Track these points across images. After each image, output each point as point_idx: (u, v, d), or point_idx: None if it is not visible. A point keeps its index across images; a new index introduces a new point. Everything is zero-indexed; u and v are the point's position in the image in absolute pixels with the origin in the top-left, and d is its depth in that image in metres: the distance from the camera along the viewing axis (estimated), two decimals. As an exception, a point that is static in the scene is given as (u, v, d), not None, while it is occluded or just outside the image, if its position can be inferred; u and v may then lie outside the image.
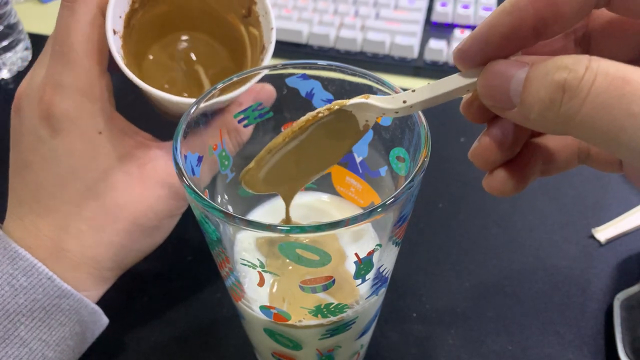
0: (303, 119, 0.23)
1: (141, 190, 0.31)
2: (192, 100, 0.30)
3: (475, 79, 0.19)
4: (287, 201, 0.28)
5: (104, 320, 0.32)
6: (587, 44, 0.22)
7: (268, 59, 0.29)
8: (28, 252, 0.28)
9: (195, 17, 0.35)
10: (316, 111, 0.22)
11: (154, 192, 0.31)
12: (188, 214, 0.33)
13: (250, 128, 0.30)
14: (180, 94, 0.30)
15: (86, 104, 0.29)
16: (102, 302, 0.36)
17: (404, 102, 0.21)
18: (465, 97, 0.22)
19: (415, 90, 0.21)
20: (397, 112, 0.21)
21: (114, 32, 0.30)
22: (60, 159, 0.29)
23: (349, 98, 0.23)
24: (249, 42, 0.29)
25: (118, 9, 0.30)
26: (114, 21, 0.30)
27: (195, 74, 0.36)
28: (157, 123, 0.33)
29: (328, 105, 0.22)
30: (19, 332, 0.27)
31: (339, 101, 0.22)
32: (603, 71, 0.16)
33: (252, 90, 0.28)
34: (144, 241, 0.32)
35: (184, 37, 0.37)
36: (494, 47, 0.19)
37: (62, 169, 0.29)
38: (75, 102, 0.29)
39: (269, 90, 0.28)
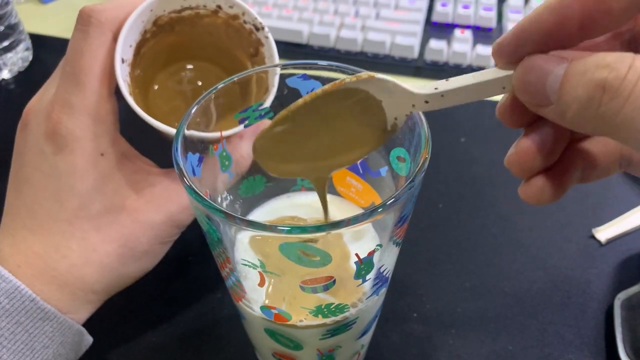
0: (328, 84, 0.21)
1: (136, 215, 0.31)
2: (192, 132, 0.30)
3: (511, 72, 0.19)
4: (320, 191, 0.26)
5: (88, 340, 0.32)
6: (634, 48, 0.21)
7: (269, 101, 0.29)
8: (12, 274, 0.28)
9: (205, 49, 0.36)
10: (342, 78, 0.21)
11: (148, 217, 0.31)
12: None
13: (249, 161, 0.30)
14: None
15: (91, 125, 0.30)
16: (103, 302, 0.36)
17: (436, 88, 0.20)
18: (502, 99, 0.21)
19: (449, 79, 0.20)
20: (427, 102, 0.20)
21: (123, 61, 0.30)
22: (60, 176, 0.29)
23: None
24: (255, 80, 0.30)
25: (130, 38, 0.31)
26: (124, 50, 0.31)
27: None
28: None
29: (356, 74, 0.21)
30: (1, 356, 0.27)
31: (368, 72, 0.21)
32: None
33: (255, 125, 0.29)
34: (133, 265, 0.32)
35: (193, 66, 0.37)
36: (535, 44, 0.18)
37: (60, 187, 0.29)
38: (81, 122, 0.29)
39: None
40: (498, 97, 0.21)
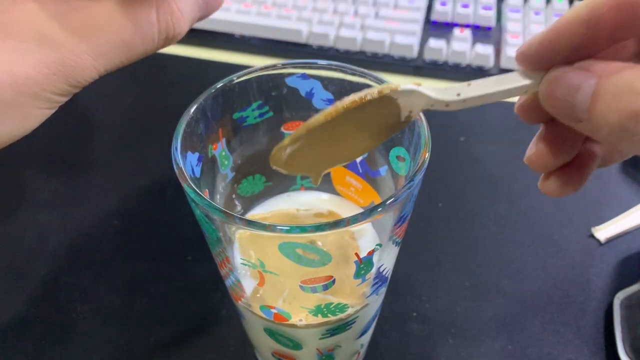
0: (349, 99, 0.21)
1: None
2: None
3: (536, 81, 0.18)
4: (316, 181, 0.26)
5: None
6: None
7: None
8: None
9: None
10: (364, 92, 0.21)
11: (13, 47, 0.21)
12: (187, 213, 0.33)
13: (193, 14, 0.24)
14: None
15: None
16: (102, 301, 0.36)
17: (458, 95, 0.20)
18: (522, 98, 0.20)
19: (471, 83, 0.19)
20: (447, 105, 0.20)
21: None
22: None
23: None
24: None
25: None
26: None
27: None
28: (157, 118, 0.33)
29: (379, 87, 0.21)
30: None
31: (390, 84, 0.21)
32: None
33: None
34: None
35: None
36: (563, 55, 0.17)
37: None
38: None
39: None
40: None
